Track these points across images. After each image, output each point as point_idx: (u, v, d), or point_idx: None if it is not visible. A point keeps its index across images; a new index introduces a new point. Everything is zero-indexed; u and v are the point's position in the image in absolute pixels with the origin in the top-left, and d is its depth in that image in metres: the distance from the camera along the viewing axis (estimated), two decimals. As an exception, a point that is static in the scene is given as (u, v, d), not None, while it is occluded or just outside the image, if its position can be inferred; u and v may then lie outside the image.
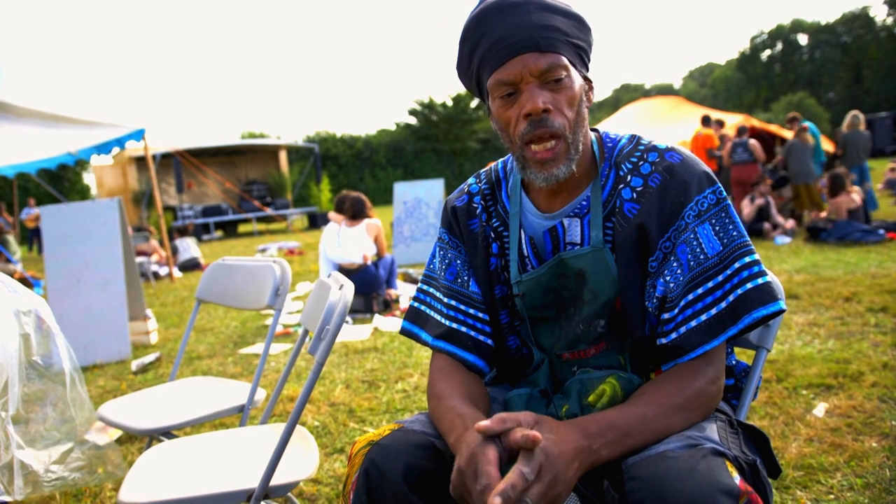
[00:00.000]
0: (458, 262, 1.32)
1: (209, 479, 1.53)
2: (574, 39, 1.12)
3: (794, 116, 11.09)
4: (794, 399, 2.92)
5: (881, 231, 7.29)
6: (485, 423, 0.94)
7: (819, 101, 49.23)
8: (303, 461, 1.60)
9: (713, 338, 1.08)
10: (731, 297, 1.08)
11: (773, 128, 14.78)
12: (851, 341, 3.67)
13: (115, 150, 8.55)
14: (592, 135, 1.24)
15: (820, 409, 2.77)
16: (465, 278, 1.31)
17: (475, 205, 1.32)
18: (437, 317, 1.30)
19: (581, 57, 1.14)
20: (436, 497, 1.05)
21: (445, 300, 1.31)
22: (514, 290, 1.25)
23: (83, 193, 26.36)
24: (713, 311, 1.09)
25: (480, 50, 1.12)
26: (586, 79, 1.17)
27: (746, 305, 1.07)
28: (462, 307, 1.29)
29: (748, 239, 1.13)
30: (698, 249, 1.11)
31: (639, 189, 1.15)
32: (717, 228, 1.11)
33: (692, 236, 1.11)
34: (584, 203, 1.20)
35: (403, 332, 1.36)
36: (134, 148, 14.31)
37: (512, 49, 1.08)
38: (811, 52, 56.60)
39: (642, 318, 1.16)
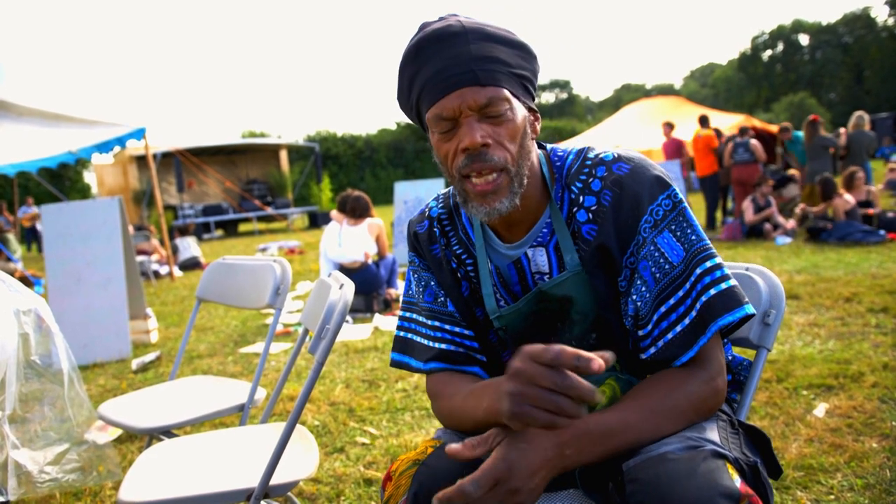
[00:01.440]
0: (433, 283, 1.29)
1: (209, 478, 1.53)
2: (517, 70, 1.07)
3: (786, 127, 11.18)
4: (795, 399, 2.92)
5: (881, 231, 7.29)
6: (456, 446, 0.92)
7: (820, 101, 49.26)
8: (303, 460, 1.60)
9: (689, 349, 1.06)
10: (697, 306, 1.06)
11: (774, 128, 14.79)
12: (852, 342, 3.67)
13: (116, 149, 8.56)
14: (541, 153, 1.20)
15: (820, 409, 2.77)
16: (443, 298, 1.28)
17: (435, 229, 1.29)
18: (424, 341, 1.27)
19: (525, 87, 1.10)
20: None
21: (429, 322, 1.27)
22: (495, 324, 1.23)
23: (84, 192, 26.37)
24: (686, 322, 1.06)
25: (419, 82, 1.07)
26: (531, 109, 1.13)
27: (711, 313, 1.05)
28: (447, 326, 1.26)
29: (707, 242, 1.10)
30: (662, 260, 1.08)
31: (593, 209, 1.12)
32: (679, 234, 1.09)
33: (653, 249, 1.08)
34: (544, 231, 1.17)
35: (394, 363, 1.33)
36: (135, 147, 14.34)
37: (450, 83, 1.03)
38: (812, 52, 56.62)
39: (624, 335, 1.16)
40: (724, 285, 1.06)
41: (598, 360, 0.82)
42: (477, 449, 0.92)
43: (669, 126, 11.55)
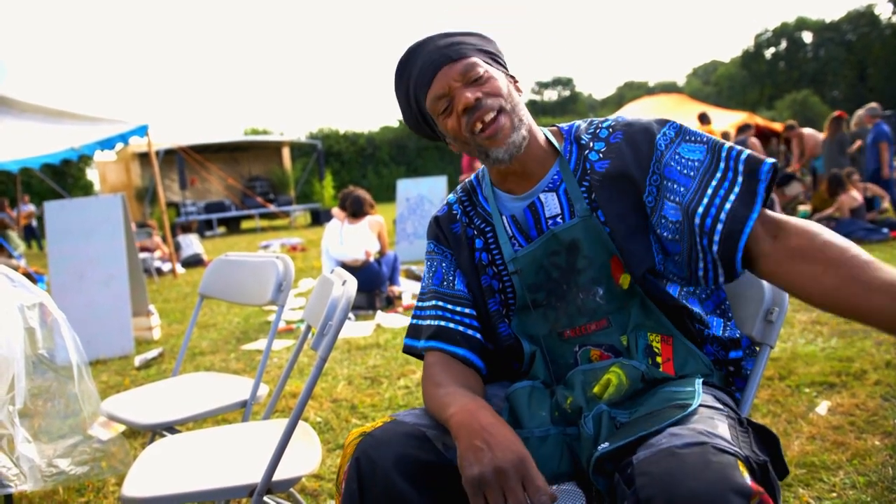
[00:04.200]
0: (444, 265, 1.39)
1: (212, 473, 1.53)
2: (480, 47, 1.26)
3: (792, 125, 11.06)
4: (797, 397, 2.91)
5: (884, 230, 7.27)
6: None
7: (823, 99, 49.07)
8: (305, 457, 1.60)
9: (753, 204, 1.14)
10: (740, 168, 1.17)
11: (777, 126, 14.76)
12: (854, 339, 3.67)
13: (119, 145, 8.56)
14: (547, 129, 1.36)
15: (822, 407, 2.77)
16: (451, 279, 1.38)
17: (455, 211, 1.41)
18: (426, 322, 1.36)
19: (495, 59, 1.28)
20: (427, 485, 1.07)
21: (431, 303, 1.37)
22: (510, 268, 1.30)
23: (86, 189, 26.36)
24: (737, 189, 1.16)
25: (411, 88, 1.27)
26: (509, 76, 1.30)
27: (756, 160, 1.17)
28: (448, 306, 1.35)
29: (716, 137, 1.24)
30: (689, 162, 1.21)
31: (603, 150, 1.28)
32: (694, 140, 1.23)
33: (676, 156, 1.22)
34: (555, 178, 1.29)
35: (405, 349, 1.41)
36: (137, 144, 14.31)
37: (432, 69, 1.23)
38: (815, 49, 56.39)
39: (647, 247, 1.22)
40: (747, 151, 1.20)
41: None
42: None
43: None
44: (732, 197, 1.15)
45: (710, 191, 1.17)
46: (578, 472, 1.15)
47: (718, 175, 1.18)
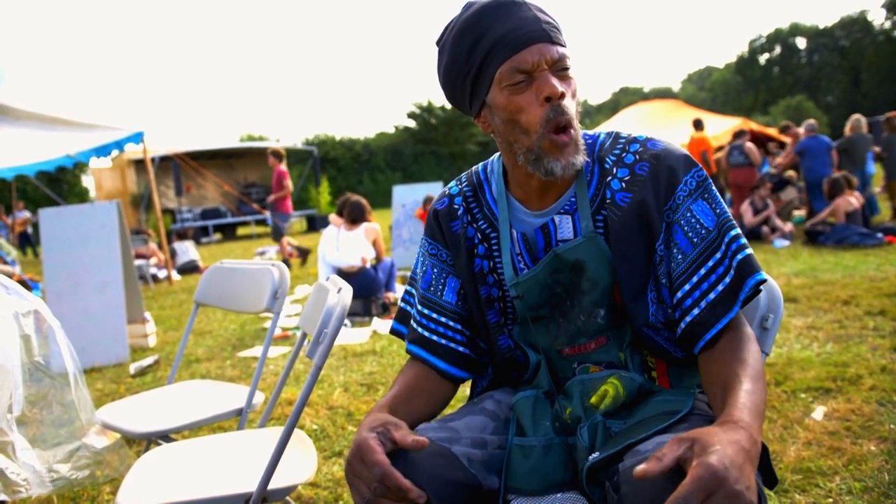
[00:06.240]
0: (435, 270, 1.33)
1: (207, 482, 1.53)
2: (566, 44, 1.17)
3: (787, 125, 11.08)
4: (793, 402, 2.92)
5: (879, 234, 7.30)
6: (643, 467, 0.84)
7: (817, 104, 49.36)
8: (301, 465, 1.60)
9: (732, 307, 1.10)
10: (734, 265, 1.12)
11: (772, 131, 14.82)
12: (850, 345, 3.67)
13: (114, 152, 8.55)
14: None
15: (818, 412, 2.77)
16: (440, 287, 1.32)
17: (456, 206, 1.32)
18: (413, 322, 1.35)
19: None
20: None
21: (419, 307, 1.34)
22: (512, 293, 1.25)
23: (82, 196, 26.36)
24: (727, 280, 1.11)
25: (486, 43, 1.11)
26: None
27: (747, 270, 1.11)
28: (434, 315, 1.31)
29: (730, 214, 1.18)
30: (698, 226, 1.14)
31: (627, 178, 1.18)
32: (711, 203, 1.16)
33: (689, 215, 1.15)
34: (572, 200, 1.22)
35: (392, 331, 1.40)
36: (133, 151, 14.32)
37: (527, 38, 1.10)
38: (809, 55, 56.78)
39: (645, 306, 1.17)
40: (748, 251, 1.14)
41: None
42: (664, 461, 0.85)
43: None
44: (720, 287, 1.11)
45: (703, 271, 1.12)
46: (580, 482, 1.15)
47: (717, 257, 1.12)
